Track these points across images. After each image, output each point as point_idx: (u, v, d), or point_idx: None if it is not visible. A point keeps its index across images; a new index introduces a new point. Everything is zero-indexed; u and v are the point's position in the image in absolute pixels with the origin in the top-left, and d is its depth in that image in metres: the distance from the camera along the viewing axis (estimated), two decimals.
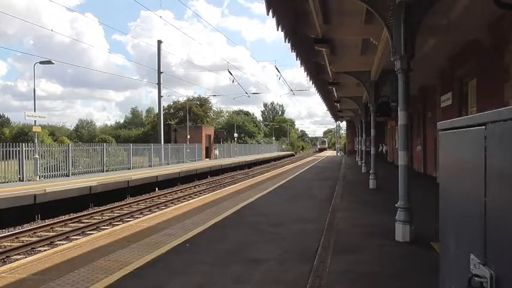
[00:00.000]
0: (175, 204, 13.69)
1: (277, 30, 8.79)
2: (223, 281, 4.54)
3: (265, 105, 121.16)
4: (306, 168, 26.70)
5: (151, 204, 15.73)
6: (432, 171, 16.13)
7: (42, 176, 17.91)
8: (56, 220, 12.69)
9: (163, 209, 13.29)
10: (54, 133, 64.92)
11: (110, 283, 4.40)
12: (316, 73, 15.46)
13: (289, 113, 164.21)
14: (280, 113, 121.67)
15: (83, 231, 11.02)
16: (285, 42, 9.87)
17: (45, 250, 8.04)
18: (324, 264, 5.02)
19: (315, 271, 4.78)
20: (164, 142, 33.71)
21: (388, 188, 11.66)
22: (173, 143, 36.50)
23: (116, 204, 15.84)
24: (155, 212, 12.26)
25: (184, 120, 46.26)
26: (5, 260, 8.46)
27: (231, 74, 30.85)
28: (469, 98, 11.87)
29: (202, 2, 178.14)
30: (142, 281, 4.52)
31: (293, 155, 74.69)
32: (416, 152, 20.14)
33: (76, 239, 8.53)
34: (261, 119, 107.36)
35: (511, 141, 1.22)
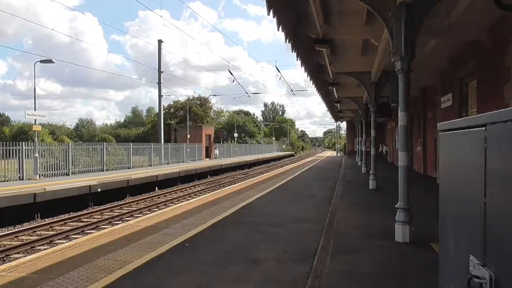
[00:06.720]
0: (175, 204, 13.68)
1: (278, 30, 8.79)
2: (222, 281, 4.54)
3: (265, 105, 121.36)
4: (305, 168, 26.69)
5: (151, 204, 15.73)
6: (432, 172, 16.13)
7: (42, 175, 17.90)
8: (55, 219, 12.69)
9: (163, 208, 13.29)
10: (54, 132, 64.98)
11: (109, 282, 4.40)
12: (316, 73, 15.45)
13: (288, 113, 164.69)
14: (280, 113, 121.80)
15: (82, 230, 11.02)
16: (286, 42, 9.87)
17: (44, 249, 8.04)
18: (324, 265, 5.02)
19: (314, 271, 4.78)
20: (164, 142, 33.71)
21: (388, 188, 11.66)
22: (173, 143, 36.48)
23: (116, 203, 15.84)
24: (155, 211, 12.25)
25: (184, 120, 46.27)
26: (5, 258, 8.46)
27: (231, 74, 30.82)
28: (469, 99, 11.87)
29: (198, 4, 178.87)
30: (141, 281, 4.52)
31: (293, 155, 74.69)
32: (417, 153, 20.14)
33: (76, 238, 8.54)
34: (262, 119, 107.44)
35: (510, 142, 1.22)
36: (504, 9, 6.61)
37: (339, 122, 56.82)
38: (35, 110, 18.68)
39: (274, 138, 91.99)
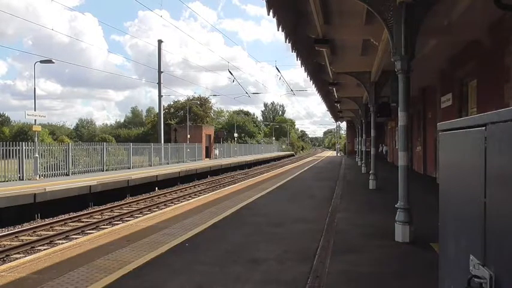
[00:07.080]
0: (175, 204, 13.69)
1: (278, 30, 8.78)
2: (222, 280, 4.54)
3: (265, 105, 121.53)
4: (305, 168, 26.69)
5: (151, 204, 15.73)
6: (432, 172, 16.12)
7: (42, 175, 17.90)
8: (55, 219, 12.69)
9: (163, 208, 13.29)
10: (54, 132, 65.02)
11: (109, 282, 4.40)
12: (316, 73, 15.45)
13: (288, 113, 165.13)
14: (280, 113, 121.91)
15: (82, 231, 11.02)
16: (286, 42, 9.87)
17: (44, 249, 8.04)
18: (324, 265, 5.02)
19: (314, 271, 4.78)
20: (164, 142, 33.71)
21: (388, 188, 11.66)
22: (173, 143, 36.48)
23: (116, 203, 15.85)
24: (155, 211, 12.25)
25: (184, 120, 46.28)
26: (5, 258, 8.46)
27: (231, 74, 30.81)
28: (469, 99, 11.87)
29: (198, 4, 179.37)
30: (141, 281, 4.52)
31: (293, 155, 74.70)
32: (417, 153, 20.14)
33: (76, 238, 8.53)
34: (262, 119, 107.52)
35: (511, 142, 1.22)
36: (504, 9, 6.62)
37: (339, 122, 56.84)
38: (35, 110, 18.69)
39: (274, 138, 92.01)
